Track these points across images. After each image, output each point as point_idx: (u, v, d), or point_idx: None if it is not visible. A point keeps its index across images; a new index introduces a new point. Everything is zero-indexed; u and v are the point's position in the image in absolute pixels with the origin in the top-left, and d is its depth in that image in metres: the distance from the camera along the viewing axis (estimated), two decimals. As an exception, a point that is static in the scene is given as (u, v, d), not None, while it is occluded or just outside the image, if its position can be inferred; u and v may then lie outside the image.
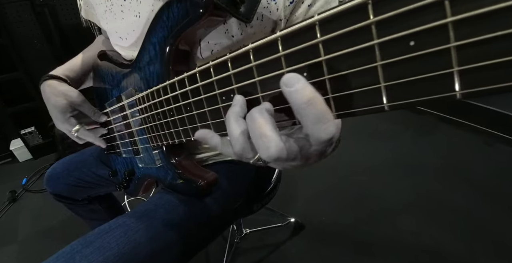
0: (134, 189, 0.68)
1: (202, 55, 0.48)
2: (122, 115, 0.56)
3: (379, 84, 0.20)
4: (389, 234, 1.23)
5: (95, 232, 0.50)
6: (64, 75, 0.63)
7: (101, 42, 0.75)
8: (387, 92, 0.19)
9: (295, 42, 0.23)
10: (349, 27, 0.19)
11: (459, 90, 0.17)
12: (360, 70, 0.20)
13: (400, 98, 0.19)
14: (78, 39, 2.03)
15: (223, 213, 0.61)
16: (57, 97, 0.58)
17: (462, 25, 0.15)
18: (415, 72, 0.18)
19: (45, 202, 1.69)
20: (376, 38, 0.19)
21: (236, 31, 0.45)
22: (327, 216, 1.36)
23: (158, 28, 0.39)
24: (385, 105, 0.20)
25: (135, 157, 0.61)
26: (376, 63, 0.19)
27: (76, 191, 0.82)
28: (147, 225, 0.51)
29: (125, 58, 0.58)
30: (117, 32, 0.54)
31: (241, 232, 1.27)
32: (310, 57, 0.22)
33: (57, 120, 0.61)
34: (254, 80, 0.26)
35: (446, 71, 0.17)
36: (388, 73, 0.19)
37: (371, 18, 0.18)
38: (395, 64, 0.18)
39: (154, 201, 0.57)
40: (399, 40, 0.18)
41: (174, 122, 0.40)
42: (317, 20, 0.21)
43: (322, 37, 0.21)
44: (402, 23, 0.17)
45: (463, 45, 0.16)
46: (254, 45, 0.25)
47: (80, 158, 0.84)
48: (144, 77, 0.46)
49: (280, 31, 0.23)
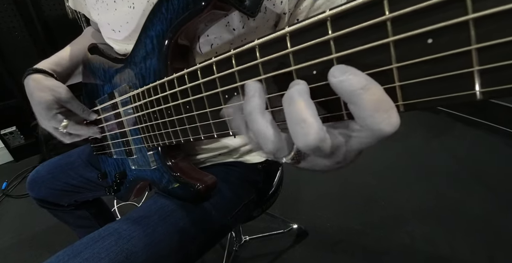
0: (125, 193, 0.68)
1: (201, 50, 0.48)
2: (115, 113, 0.57)
3: (394, 83, 0.20)
4: (401, 242, 1.23)
5: (84, 241, 0.50)
6: (51, 69, 0.63)
7: (90, 34, 0.75)
8: (402, 92, 0.20)
9: (304, 39, 0.23)
10: (363, 23, 0.20)
11: (479, 90, 0.17)
12: (374, 68, 0.21)
13: (415, 98, 0.20)
14: (63, 31, 2.03)
15: (221, 219, 0.61)
16: (42, 93, 0.58)
17: (484, 23, 0.16)
18: (432, 71, 0.18)
19: (28, 208, 1.69)
20: (392, 35, 0.19)
21: (237, 25, 0.45)
22: (333, 222, 1.36)
23: (156, 21, 0.40)
24: (400, 104, 0.20)
25: (127, 158, 0.61)
26: (391, 62, 0.20)
27: (61, 196, 0.82)
28: (140, 232, 0.51)
29: (118, 52, 0.58)
30: (109, 24, 0.54)
31: (240, 240, 1.27)
32: (320, 54, 0.23)
33: (42, 117, 0.61)
34: (260, 78, 0.27)
35: (466, 70, 0.17)
36: (404, 72, 0.20)
37: (386, 14, 0.19)
38: (411, 62, 0.19)
39: (147, 206, 0.58)
40: (416, 38, 0.18)
41: (172, 122, 0.41)
42: (329, 15, 0.21)
43: (333, 34, 0.21)
44: (419, 20, 0.18)
45: (484, 44, 0.16)
46: (260, 41, 0.26)
47: (66, 160, 0.84)
48: (139, 73, 0.47)
49: (289, 27, 0.24)
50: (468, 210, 1.33)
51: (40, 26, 1.96)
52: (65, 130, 0.61)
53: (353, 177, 1.61)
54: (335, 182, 1.59)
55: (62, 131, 0.62)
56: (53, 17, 2.01)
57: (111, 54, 0.56)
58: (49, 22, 2.01)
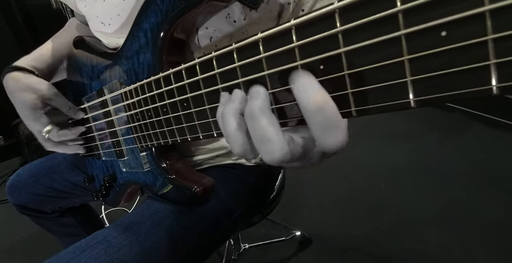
0: (115, 198, 0.69)
1: (200, 43, 0.49)
2: (104, 112, 0.57)
3: (405, 78, 0.21)
4: (414, 250, 1.23)
5: (69, 251, 0.50)
6: (31, 66, 0.63)
7: (75, 26, 0.75)
8: (414, 87, 0.21)
9: (311, 32, 0.24)
10: (373, 16, 0.21)
11: (496, 84, 0.18)
12: (384, 63, 0.21)
13: (428, 93, 0.20)
14: (46, 22, 2.02)
15: (219, 225, 0.62)
16: (24, 92, 0.59)
17: (501, 14, 0.17)
18: (446, 65, 0.19)
19: (7, 215, 1.68)
20: (403, 28, 0.20)
21: (238, 16, 0.46)
22: (339, 229, 1.37)
23: (150, 13, 0.40)
24: (411, 100, 0.21)
25: (117, 160, 0.62)
26: (403, 55, 0.20)
27: (45, 202, 0.82)
28: (131, 240, 0.52)
29: (108, 46, 0.59)
30: (98, 17, 0.54)
31: (239, 248, 1.28)
32: (328, 48, 0.23)
33: (26, 118, 0.61)
34: (264, 74, 0.27)
35: (481, 64, 0.18)
36: (416, 66, 0.20)
37: (398, 6, 0.19)
38: (423, 56, 0.20)
39: (139, 212, 0.58)
40: (429, 30, 0.19)
41: (168, 120, 0.41)
42: (337, 7, 0.22)
43: (342, 27, 0.22)
44: (432, 12, 0.18)
45: (502, 35, 0.17)
46: (263, 35, 0.26)
47: (50, 162, 0.84)
48: (132, 68, 0.47)
49: (294, 19, 0.24)
50: (486, 216, 1.33)
51: (20, 16, 1.95)
52: (47, 136, 0.62)
53: (361, 180, 1.61)
54: (341, 185, 1.60)
55: (44, 136, 0.62)
56: (35, 6, 2.00)
57: (100, 47, 0.57)
58: (31, 13, 2.00)
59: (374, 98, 0.23)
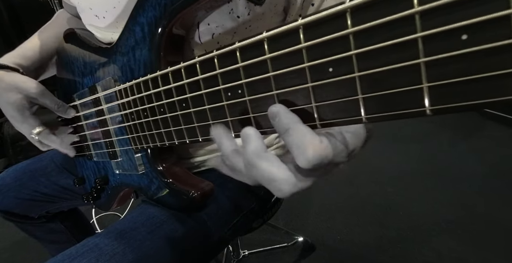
0: (107, 201, 0.69)
1: (201, 40, 0.49)
2: (97, 111, 0.57)
3: (421, 84, 0.21)
4: (424, 258, 1.23)
5: (58, 259, 0.50)
6: (15, 64, 0.62)
7: (63, 18, 0.75)
8: (430, 94, 0.21)
9: (320, 32, 0.24)
10: (387, 17, 0.21)
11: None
12: (398, 67, 0.21)
13: (446, 102, 0.20)
14: (31, 15, 2.00)
15: (218, 231, 0.62)
16: (9, 92, 0.58)
17: None
18: (466, 71, 0.19)
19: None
20: (420, 31, 0.20)
21: (242, 11, 0.46)
22: (343, 235, 1.37)
23: (148, 6, 0.40)
24: (427, 109, 0.21)
25: (110, 161, 0.62)
26: (419, 60, 0.20)
27: (31, 207, 0.82)
28: (125, 248, 0.52)
29: (102, 41, 0.59)
30: (91, 9, 0.54)
31: (238, 254, 1.28)
32: (338, 50, 0.23)
33: (15, 120, 0.61)
34: (268, 75, 0.27)
35: (505, 71, 0.18)
36: (433, 71, 0.20)
37: (415, 7, 0.19)
38: (442, 61, 0.20)
39: (133, 217, 0.58)
40: (448, 33, 0.19)
41: (165, 121, 0.41)
42: (348, 7, 0.22)
43: (353, 28, 0.22)
44: (452, 14, 0.18)
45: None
46: (269, 34, 0.26)
47: (37, 165, 0.84)
48: (127, 65, 0.47)
49: (302, 19, 0.24)
50: (501, 222, 1.33)
51: (5, 9, 1.94)
52: (37, 137, 0.62)
53: (368, 183, 1.62)
54: (346, 189, 1.60)
55: (35, 138, 0.62)
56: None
57: (93, 42, 0.57)
58: (15, 5, 1.99)
59: (387, 105, 0.23)
